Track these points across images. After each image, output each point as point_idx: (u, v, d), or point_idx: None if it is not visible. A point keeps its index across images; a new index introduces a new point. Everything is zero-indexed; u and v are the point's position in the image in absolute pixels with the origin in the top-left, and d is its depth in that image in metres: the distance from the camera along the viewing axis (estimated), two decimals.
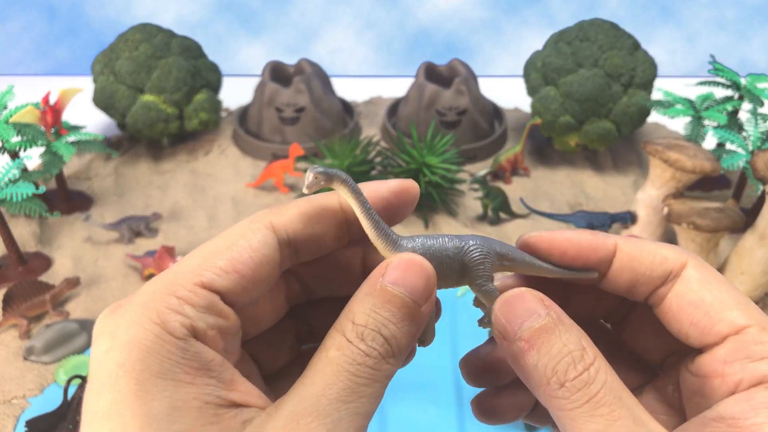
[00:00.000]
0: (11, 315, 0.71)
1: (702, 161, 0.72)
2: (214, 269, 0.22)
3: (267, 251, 0.23)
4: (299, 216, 0.25)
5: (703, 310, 0.24)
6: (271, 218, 0.24)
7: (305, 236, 0.25)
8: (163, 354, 0.20)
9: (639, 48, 0.93)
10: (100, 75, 0.97)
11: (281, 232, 0.24)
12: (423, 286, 0.23)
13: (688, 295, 0.24)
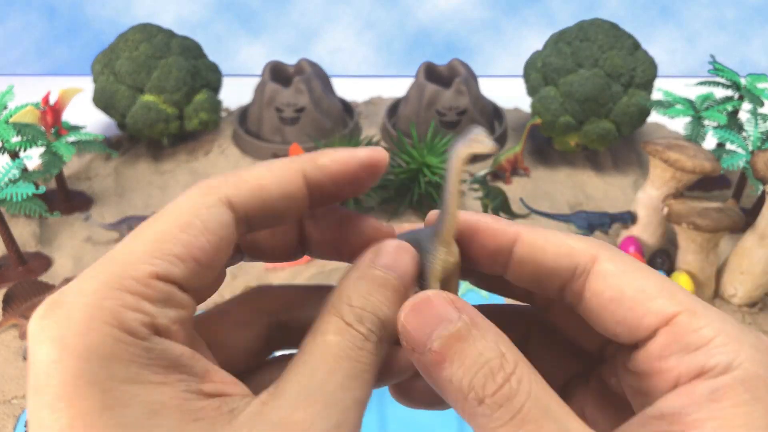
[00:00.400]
0: (11, 315, 0.71)
1: (702, 161, 0.72)
2: (169, 257, 0.19)
3: (224, 233, 0.21)
4: (260, 190, 0.22)
5: (625, 305, 0.21)
6: (228, 192, 0.21)
7: (264, 214, 0.22)
8: (127, 358, 0.18)
9: (639, 48, 0.93)
10: (100, 75, 0.97)
11: (239, 210, 0.21)
12: (412, 270, 0.23)
13: (606, 291, 0.22)
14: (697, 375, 0.20)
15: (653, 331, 0.21)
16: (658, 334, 0.21)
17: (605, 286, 0.22)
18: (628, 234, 0.79)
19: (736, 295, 0.73)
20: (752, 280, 0.72)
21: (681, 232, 0.72)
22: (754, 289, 0.72)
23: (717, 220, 0.69)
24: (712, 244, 0.71)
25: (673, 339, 0.21)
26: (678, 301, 0.21)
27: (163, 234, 0.20)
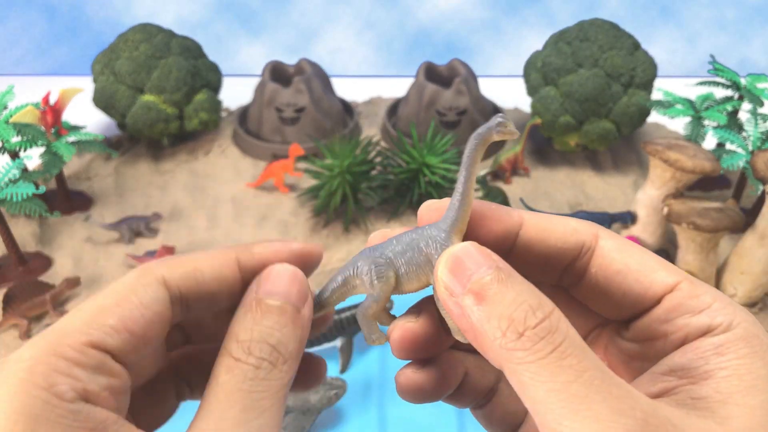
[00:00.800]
0: (11, 315, 0.71)
1: (702, 161, 0.72)
2: (104, 328, 0.21)
3: (158, 308, 0.22)
4: (194, 272, 0.23)
5: (632, 276, 0.23)
6: (164, 272, 0.23)
7: (198, 295, 0.24)
8: (54, 420, 0.19)
9: (639, 48, 0.93)
10: (100, 75, 0.97)
11: (173, 289, 0.23)
12: (297, 290, 0.24)
13: (612, 264, 0.24)
14: (703, 333, 0.22)
15: (658, 299, 0.23)
16: (663, 301, 0.23)
17: (611, 260, 0.24)
18: (628, 234, 0.79)
19: (736, 294, 0.73)
20: (752, 279, 0.72)
21: (681, 232, 0.72)
22: (754, 288, 0.72)
23: (717, 220, 0.69)
24: (712, 244, 0.71)
25: (677, 303, 0.22)
26: (676, 272, 0.23)
27: (101, 307, 0.22)
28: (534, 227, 0.24)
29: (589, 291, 0.24)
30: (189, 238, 0.84)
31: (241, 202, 0.91)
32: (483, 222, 0.24)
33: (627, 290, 0.23)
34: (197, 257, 0.24)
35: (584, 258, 0.24)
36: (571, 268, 0.24)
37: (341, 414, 0.63)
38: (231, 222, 0.87)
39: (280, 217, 0.88)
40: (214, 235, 0.85)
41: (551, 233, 0.24)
